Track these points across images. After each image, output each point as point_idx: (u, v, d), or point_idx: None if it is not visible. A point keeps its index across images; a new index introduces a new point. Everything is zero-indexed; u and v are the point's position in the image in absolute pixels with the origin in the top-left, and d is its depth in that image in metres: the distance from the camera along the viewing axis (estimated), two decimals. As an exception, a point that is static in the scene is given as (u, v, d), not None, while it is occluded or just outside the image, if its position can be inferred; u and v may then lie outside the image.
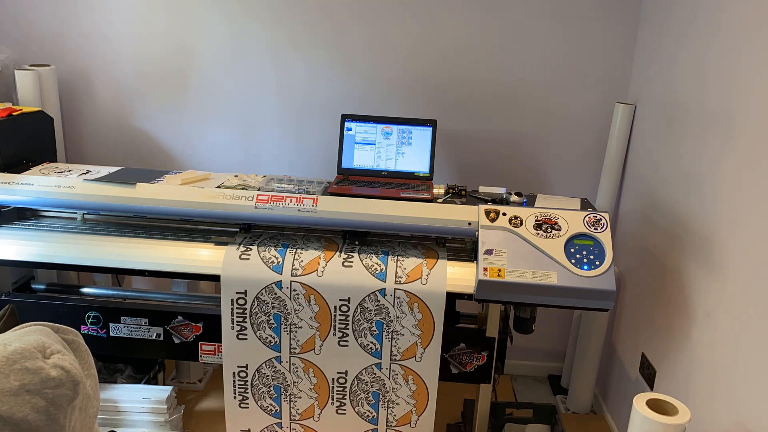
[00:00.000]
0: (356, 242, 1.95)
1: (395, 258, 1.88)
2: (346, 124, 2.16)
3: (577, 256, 1.78)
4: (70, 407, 1.13)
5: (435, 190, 2.01)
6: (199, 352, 2.04)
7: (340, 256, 1.88)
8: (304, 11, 2.40)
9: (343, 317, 1.85)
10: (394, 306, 1.83)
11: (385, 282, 1.83)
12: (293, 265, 1.85)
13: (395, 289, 1.83)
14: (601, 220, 1.83)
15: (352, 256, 1.88)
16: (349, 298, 1.84)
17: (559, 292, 1.74)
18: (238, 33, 2.44)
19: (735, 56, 1.70)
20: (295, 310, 1.85)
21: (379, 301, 1.83)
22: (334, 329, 1.87)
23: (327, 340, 1.88)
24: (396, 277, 1.84)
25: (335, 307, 1.85)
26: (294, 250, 1.89)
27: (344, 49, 2.44)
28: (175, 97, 2.52)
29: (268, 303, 1.86)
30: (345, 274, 1.84)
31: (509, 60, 2.42)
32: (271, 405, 1.97)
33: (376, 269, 1.85)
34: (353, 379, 1.92)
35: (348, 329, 1.86)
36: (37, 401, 1.09)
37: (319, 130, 2.53)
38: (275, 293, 1.85)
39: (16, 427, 1.06)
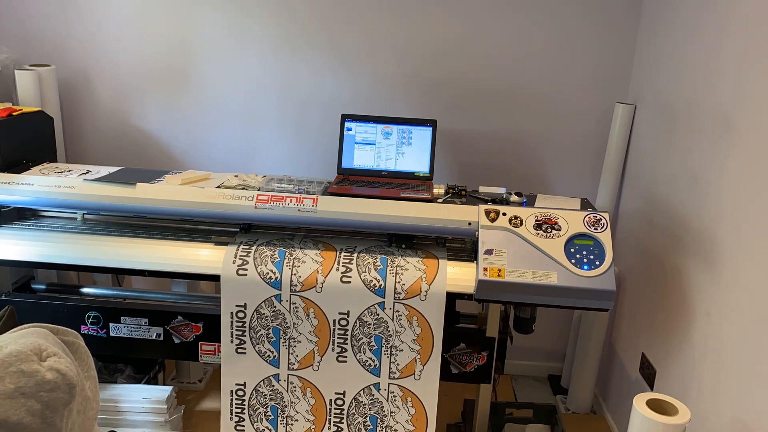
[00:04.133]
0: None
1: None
2: (346, 124, 2.16)
3: (577, 256, 1.78)
4: (66, 410, 1.13)
5: (435, 190, 2.01)
6: (199, 352, 2.04)
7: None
8: (305, 11, 2.40)
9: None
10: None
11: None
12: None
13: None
14: (601, 220, 1.82)
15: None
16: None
17: (559, 292, 1.74)
18: (238, 34, 2.44)
19: (735, 56, 1.70)
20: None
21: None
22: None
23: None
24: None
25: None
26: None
27: (344, 49, 2.43)
28: (176, 97, 2.52)
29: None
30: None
31: (509, 60, 2.42)
32: (267, 428, 1.96)
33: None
34: (351, 402, 1.91)
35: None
36: (33, 404, 1.08)
37: (319, 129, 2.53)
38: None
39: (11, 431, 1.06)
